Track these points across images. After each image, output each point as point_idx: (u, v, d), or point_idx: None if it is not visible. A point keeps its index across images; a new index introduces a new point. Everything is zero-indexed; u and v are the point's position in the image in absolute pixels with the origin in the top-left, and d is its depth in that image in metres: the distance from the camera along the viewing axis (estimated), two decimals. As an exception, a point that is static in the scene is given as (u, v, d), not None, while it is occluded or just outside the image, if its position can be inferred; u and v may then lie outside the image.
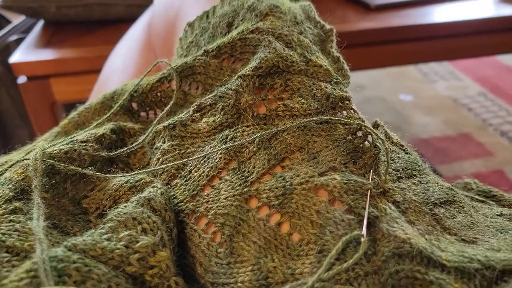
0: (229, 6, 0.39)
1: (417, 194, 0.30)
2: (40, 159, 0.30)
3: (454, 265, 0.24)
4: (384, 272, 0.24)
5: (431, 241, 0.26)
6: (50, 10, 0.86)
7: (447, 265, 0.24)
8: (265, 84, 0.34)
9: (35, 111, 0.82)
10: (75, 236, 0.29)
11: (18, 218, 0.27)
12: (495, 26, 0.92)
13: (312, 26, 0.39)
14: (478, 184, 0.38)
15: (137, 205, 0.28)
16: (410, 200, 0.29)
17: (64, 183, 0.31)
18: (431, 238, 0.27)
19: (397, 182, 0.30)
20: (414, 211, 0.28)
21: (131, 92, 0.38)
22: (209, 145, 0.32)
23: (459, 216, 0.30)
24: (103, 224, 0.29)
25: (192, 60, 0.36)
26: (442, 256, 0.25)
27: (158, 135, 0.34)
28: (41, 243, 0.23)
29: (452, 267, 0.24)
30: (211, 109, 0.34)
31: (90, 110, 0.39)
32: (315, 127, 0.32)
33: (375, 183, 0.29)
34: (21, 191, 0.29)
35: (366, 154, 0.31)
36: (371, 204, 0.28)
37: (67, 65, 0.80)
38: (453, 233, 0.28)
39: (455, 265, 0.24)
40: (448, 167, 1.23)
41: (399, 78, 1.75)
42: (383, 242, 0.26)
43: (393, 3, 0.94)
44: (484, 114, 1.49)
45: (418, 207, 0.29)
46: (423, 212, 0.29)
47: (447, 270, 0.24)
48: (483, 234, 0.29)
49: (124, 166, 0.35)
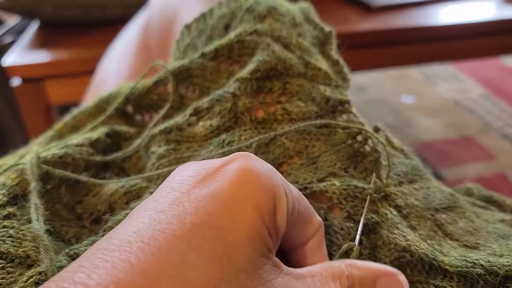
0: (227, 8, 0.38)
1: (418, 199, 0.29)
2: (35, 164, 0.29)
3: (456, 270, 0.24)
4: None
5: (433, 246, 0.26)
6: (47, 11, 0.86)
7: (449, 270, 0.24)
8: (263, 87, 0.33)
9: (30, 114, 0.81)
10: (69, 242, 0.29)
11: (12, 223, 0.26)
12: (498, 27, 0.92)
13: (311, 28, 0.39)
14: (479, 190, 0.38)
15: None
16: (412, 205, 0.29)
17: (59, 188, 0.31)
18: (433, 243, 0.26)
19: (398, 187, 0.30)
20: (415, 216, 0.28)
21: (126, 95, 0.37)
22: (205, 149, 0.32)
23: (460, 222, 0.30)
24: (103, 231, 0.28)
25: (189, 62, 0.36)
26: (445, 260, 0.24)
27: (154, 139, 0.34)
28: (47, 252, 0.23)
29: (455, 272, 0.24)
30: (208, 113, 0.33)
31: (85, 114, 0.38)
32: (314, 131, 0.31)
33: (377, 187, 0.28)
34: (15, 196, 0.28)
35: (367, 159, 0.30)
36: (372, 209, 0.27)
37: (62, 67, 0.80)
38: (455, 238, 0.28)
39: (457, 269, 0.24)
40: (450, 171, 1.22)
41: (400, 80, 1.75)
42: (384, 250, 0.25)
43: (394, 4, 0.93)
44: (486, 117, 1.48)
45: (420, 212, 0.28)
46: (425, 217, 0.28)
47: (449, 275, 0.24)
48: (485, 239, 0.29)
49: (119, 170, 0.34)
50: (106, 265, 0.15)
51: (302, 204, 0.21)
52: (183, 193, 0.18)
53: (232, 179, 0.18)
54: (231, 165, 0.19)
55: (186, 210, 0.17)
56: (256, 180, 0.18)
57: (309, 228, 0.22)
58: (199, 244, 0.16)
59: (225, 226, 0.17)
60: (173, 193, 0.18)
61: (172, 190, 0.18)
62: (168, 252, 0.16)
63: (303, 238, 0.22)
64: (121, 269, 0.15)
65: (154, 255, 0.15)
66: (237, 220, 0.17)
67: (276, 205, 0.19)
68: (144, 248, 0.16)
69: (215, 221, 0.17)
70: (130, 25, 0.63)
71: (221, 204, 0.17)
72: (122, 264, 0.15)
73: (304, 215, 0.22)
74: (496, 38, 0.94)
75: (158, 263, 0.15)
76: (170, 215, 0.17)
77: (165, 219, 0.17)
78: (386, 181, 0.28)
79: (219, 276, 0.16)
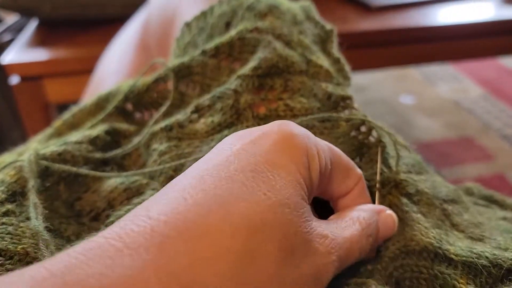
0: (227, 6, 0.38)
1: (427, 187, 0.30)
2: (34, 161, 0.29)
3: (462, 259, 0.24)
4: (389, 266, 0.25)
5: (441, 235, 0.26)
6: (45, 10, 0.85)
7: (455, 259, 0.24)
8: (264, 84, 0.33)
9: (28, 112, 0.81)
10: (69, 239, 0.29)
11: (11, 220, 0.26)
12: (497, 28, 0.92)
13: (312, 26, 0.39)
14: (479, 189, 0.38)
15: None
16: (422, 191, 0.29)
17: (57, 185, 0.31)
18: (441, 232, 0.27)
19: (408, 174, 0.30)
20: (426, 203, 0.28)
21: (126, 93, 0.37)
22: (207, 145, 0.32)
23: (466, 215, 0.30)
24: (105, 226, 0.28)
25: (190, 60, 0.36)
26: (451, 249, 0.25)
27: (155, 137, 0.34)
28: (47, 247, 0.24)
29: (460, 261, 0.24)
30: (209, 110, 0.33)
31: (84, 111, 0.38)
32: (317, 126, 0.31)
33: (385, 177, 0.28)
34: (13, 193, 0.28)
35: (372, 149, 0.30)
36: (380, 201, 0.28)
37: (61, 65, 0.79)
38: (460, 229, 0.28)
39: (463, 259, 0.24)
40: (449, 171, 1.22)
41: (400, 80, 1.75)
42: (392, 239, 0.26)
43: (393, 4, 0.93)
44: (485, 117, 1.49)
45: (430, 200, 0.29)
46: (434, 205, 0.29)
47: (454, 264, 0.24)
48: (490, 233, 0.29)
49: (119, 167, 0.34)
50: (163, 201, 0.18)
51: (338, 160, 0.24)
52: (227, 151, 0.20)
53: (273, 139, 0.21)
54: (271, 128, 0.22)
55: (230, 160, 0.20)
56: (292, 140, 0.21)
57: (348, 181, 0.25)
58: (244, 182, 0.19)
59: (266, 171, 0.19)
60: (217, 153, 0.21)
61: (217, 151, 0.21)
62: (217, 188, 0.18)
63: (343, 190, 0.25)
64: (177, 203, 0.17)
65: (204, 191, 0.18)
66: (276, 166, 0.20)
67: (310, 161, 0.21)
68: (196, 186, 0.18)
69: (257, 167, 0.19)
70: (129, 23, 0.63)
71: (262, 156, 0.20)
72: (177, 200, 0.18)
73: (341, 169, 0.24)
74: (495, 38, 0.94)
75: (208, 196, 0.18)
76: (216, 162, 0.20)
77: (212, 167, 0.19)
78: (396, 168, 0.29)
79: (265, 206, 0.18)
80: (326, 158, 0.23)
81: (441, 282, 0.23)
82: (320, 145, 0.23)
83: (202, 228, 0.17)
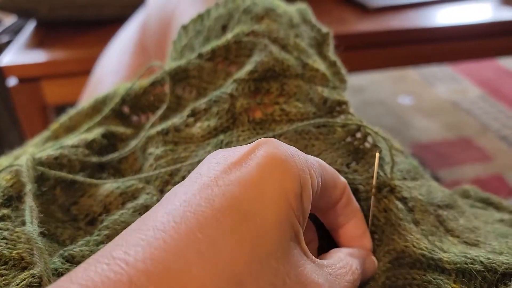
0: (224, 9, 0.38)
1: (422, 194, 0.30)
2: (31, 166, 0.29)
3: (455, 267, 0.24)
4: (381, 277, 0.25)
5: (434, 243, 0.26)
6: (43, 11, 0.85)
7: (447, 267, 0.24)
8: (260, 88, 0.33)
9: (26, 114, 0.81)
10: (64, 244, 0.29)
11: (6, 225, 0.26)
12: (495, 29, 0.92)
13: (308, 30, 0.38)
14: (476, 191, 0.38)
15: (134, 212, 0.28)
16: (417, 198, 0.29)
17: (54, 189, 0.31)
18: (434, 239, 0.27)
19: (403, 181, 0.30)
20: (420, 210, 0.28)
21: (123, 96, 0.37)
22: (203, 149, 0.32)
23: (461, 220, 0.30)
24: (99, 230, 0.28)
25: (186, 63, 0.36)
26: (444, 258, 0.25)
27: (151, 141, 0.34)
28: (41, 254, 0.23)
29: (453, 269, 0.24)
30: (205, 114, 0.33)
31: (81, 114, 0.38)
32: (313, 131, 0.31)
33: (381, 182, 0.28)
34: (9, 197, 0.28)
35: (368, 155, 0.30)
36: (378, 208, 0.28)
37: (59, 67, 0.79)
38: (455, 235, 0.28)
39: (456, 266, 0.24)
40: (447, 172, 1.22)
41: (398, 81, 1.75)
42: (385, 248, 0.26)
43: (391, 5, 0.93)
44: (484, 118, 1.49)
45: (424, 207, 0.29)
46: (428, 212, 0.29)
47: (447, 272, 0.24)
48: (485, 237, 0.29)
49: (115, 171, 0.34)
50: (142, 243, 0.16)
51: (325, 173, 0.22)
52: (211, 178, 0.18)
53: (259, 165, 0.19)
54: (257, 151, 0.20)
55: (214, 193, 0.18)
56: (281, 165, 0.19)
57: (335, 192, 0.24)
58: (228, 226, 0.17)
59: (253, 210, 0.17)
60: (201, 179, 0.19)
61: (200, 175, 0.19)
62: (200, 232, 0.16)
63: (331, 202, 0.24)
64: (156, 247, 0.16)
65: (186, 234, 0.16)
66: (265, 204, 0.18)
67: (302, 188, 0.19)
68: (176, 227, 0.16)
69: (243, 205, 0.17)
70: (127, 24, 0.63)
71: (248, 189, 0.18)
72: (157, 242, 0.16)
73: (329, 183, 0.23)
74: (493, 39, 0.94)
75: (190, 242, 0.16)
76: (199, 198, 0.17)
77: (195, 201, 0.17)
78: (391, 175, 0.29)
79: (250, 258, 0.16)
80: (317, 176, 0.21)
81: (435, 287, 0.24)
82: (311, 163, 0.21)
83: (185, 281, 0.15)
